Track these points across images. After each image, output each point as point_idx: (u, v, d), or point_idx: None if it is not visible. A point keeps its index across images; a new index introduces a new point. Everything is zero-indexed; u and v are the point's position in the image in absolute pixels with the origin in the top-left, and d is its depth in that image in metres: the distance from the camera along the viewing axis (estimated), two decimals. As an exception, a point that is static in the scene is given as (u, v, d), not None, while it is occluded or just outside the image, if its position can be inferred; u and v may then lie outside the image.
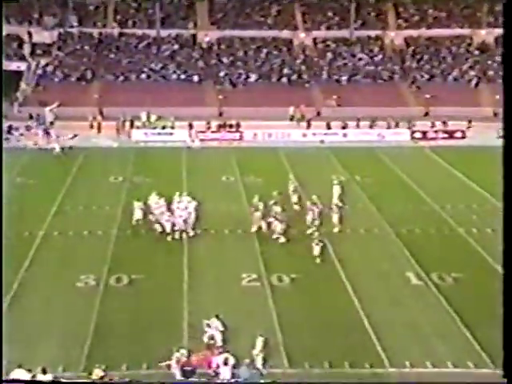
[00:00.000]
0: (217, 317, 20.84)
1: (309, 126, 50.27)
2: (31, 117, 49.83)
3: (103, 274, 25.46)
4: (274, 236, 28.62)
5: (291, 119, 52.21)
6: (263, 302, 23.67)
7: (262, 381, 18.79)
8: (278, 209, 29.51)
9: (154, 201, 29.93)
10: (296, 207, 31.60)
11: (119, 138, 47.66)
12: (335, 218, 30.06)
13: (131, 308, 23.17)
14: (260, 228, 29.20)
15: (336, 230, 29.91)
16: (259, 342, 19.63)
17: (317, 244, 26.87)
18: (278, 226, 28.65)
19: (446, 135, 49.27)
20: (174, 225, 28.70)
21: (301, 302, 23.74)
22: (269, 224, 29.07)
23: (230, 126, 49.18)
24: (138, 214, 29.61)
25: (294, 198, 32.11)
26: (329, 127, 49.98)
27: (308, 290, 24.60)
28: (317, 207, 30.19)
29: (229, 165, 40.59)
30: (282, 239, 28.43)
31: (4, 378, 17.00)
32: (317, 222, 29.68)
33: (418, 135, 48.91)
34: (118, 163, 40.90)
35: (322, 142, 47.81)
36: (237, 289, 24.53)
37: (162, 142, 47.04)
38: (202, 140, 46.80)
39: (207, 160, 41.97)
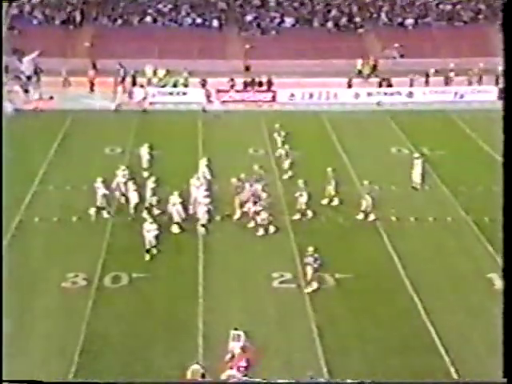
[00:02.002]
0: (237, 329, 21.04)
1: (389, 84, 49.76)
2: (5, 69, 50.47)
3: (96, 271, 25.80)
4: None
5: (359, 73, 51.89)
6: (299, 308, 23.82)
7: (266, 380, 19.56)
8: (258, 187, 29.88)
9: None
10: (329, 188, 31.53)
11: (117, 99, 47.97)
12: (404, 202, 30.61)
13: (131, 315, 23.46)
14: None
15: (393, 218, 30.26)
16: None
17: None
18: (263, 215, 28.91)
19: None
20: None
21: (348, 309, 23.85)
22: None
23: (260, 84, 49.15)
24: (134, 198, 29.90)
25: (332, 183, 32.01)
26: (389, 85, 49.62)
27: (357, 293, 24.69)
28: (370, 191, 30.43)
29: (258, 134, 40.69)
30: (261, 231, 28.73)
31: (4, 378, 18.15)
32: (369, 209, 30.02)
33: (508, 94, 48.25)
34: (115, 130, 41.27)
35: (379, 103, 47.58)
36: (266, 292, 24.71)
37: (173, 103, 47.24)
38: (223, 102, 46.92)
39: (230, 127, 42.10)
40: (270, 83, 49.04)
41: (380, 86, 49.64)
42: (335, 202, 31.33)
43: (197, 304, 23.88)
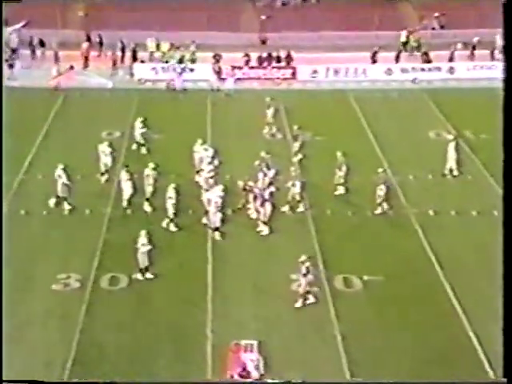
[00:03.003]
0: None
1: (428, 59, 49.49)
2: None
3: (91, 272, 25.98)
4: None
5: (404, 46, 51.65)
6: (323, 314, 23.88)
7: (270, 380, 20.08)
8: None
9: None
10: (339, 175, 31.65)
11: (115, 76, 48.09)
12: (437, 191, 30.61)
13: (131, 322, 23.60)
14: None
15: (430, 212, 30.38)
16: None
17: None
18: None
19: None
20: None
21: (378, 315, 23.91)
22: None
23: (278, 59, 49.11)
24: (128, 189, 30.05)
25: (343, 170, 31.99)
26: (427, 59, 49.43)
27: (388, 298, 24.73)
28: (385, 181, 30.61)
29: (275, 115, 40.47)
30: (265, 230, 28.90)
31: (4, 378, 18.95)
32: (380, 199, 30.17)
33: None
34: (113, 111, 41.42)
35: (414, 81, 47.44)
36: (283, 296, 24.70)
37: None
38: (236, 80, 46.85)
39: (243, 108, 42.08)
40: (289, 58, 48.94)
41: (425, 59, 49.11)
42: (340, 190, 31.43)
43: (205, 309, 24.00)
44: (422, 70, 48.46)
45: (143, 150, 35.32)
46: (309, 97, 44.05)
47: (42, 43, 49.82)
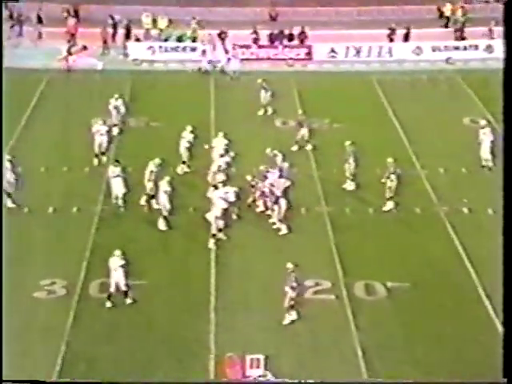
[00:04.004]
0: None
1: (462, 36, 49.53)
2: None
3: (78, 277, 26.10)
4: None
5: (447, 21, 51.63)
6: (341, 326, 23.96)
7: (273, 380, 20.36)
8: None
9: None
10: (347, 168, 31.95)
11: (106, 55, 48.26)
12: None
13: (123, 333, 23.70)
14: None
15: (464, 209, 30.51)
16: None
17: None
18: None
19: None
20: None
21: (403, 326, 23.96)
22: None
23: (290, 38, 49.25)
24: (119, 188, 30.21)
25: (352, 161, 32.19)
26: (461, 36, 49.44)
27: (415, 307, 24.81)
28: (395, 171, 30.67)
29: (287, 101, 40.80)
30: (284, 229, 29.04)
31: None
32: (390, 194, 30.34)
33: None
34: (103, 96, 40.80)
35: (448, 60, 47.49)
36: (296, 304, 24.55)
37: (178, 62, 47.65)
38: (243, 60, 46.98)
39: (251, 92, 41.92)
40: (303, 36, 49.07)
41: (459, 36, 49.21)
42: (350, 186, 31.61)
43: (207, 319, 24.10)
44: (456, 48, 48.40)
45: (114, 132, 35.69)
46: (326, 80, 44.20)
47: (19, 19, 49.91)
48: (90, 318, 24.33)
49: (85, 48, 47.23)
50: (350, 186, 31.74)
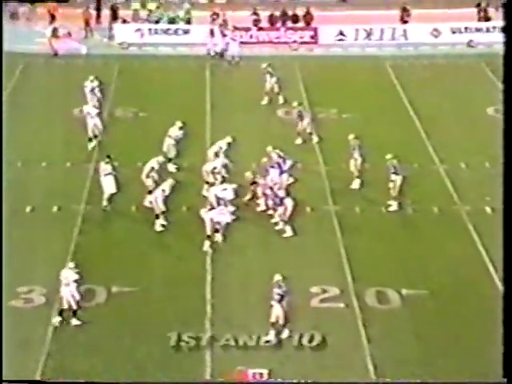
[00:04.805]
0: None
1: (486, 16, 49.23)
2: None
3: (59, 284, 25.46)
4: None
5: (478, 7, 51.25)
6: (351, 338, 23.93)
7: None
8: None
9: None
10: (352, 164, 32.09)
11: (89, 39, 48.26)
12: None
13: (110, 346, 23.65)
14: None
15: (487, 208, 30.62)
16: None
17: None
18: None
19: None
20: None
21: (419, 339, 23.90)
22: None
23: (294, 19, 49.37)
24: (111, 187, 30.33)
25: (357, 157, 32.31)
26: (485, 16, 49.36)
27: (433, 317, 24.82)
28: (396, 170, 30.72)
29: (291, 88, 40.81)
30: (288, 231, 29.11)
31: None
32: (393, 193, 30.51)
33: None
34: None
35: (470, 44, 47.60)
36: (301, 314, 24.70)
37: (170, 46, 47.89)
38: (242, 43, 47.04)
39: (251, 80, 42.16)
40: (308, 17, 49.19)
41: (484, 17, 49.18)
42: (355, 184, 31.71)
43: (203, 330, 24.02)
44: (479, 30, 48.35)
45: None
46: (333, 65, 44.29)
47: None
48: (71, 328, 24.26)
49: (69, 34, 47.20)
50: (355, 183, 31.80)
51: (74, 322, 24.55)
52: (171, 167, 32.68)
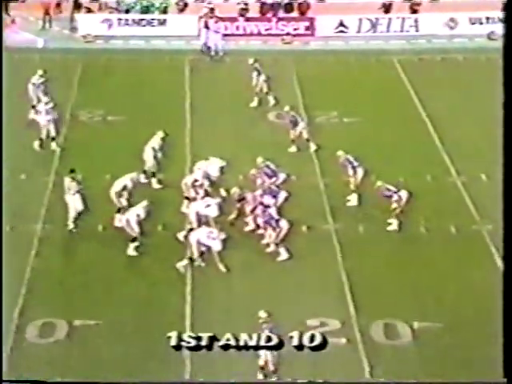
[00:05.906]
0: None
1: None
2: None
3: (12, 316, 25.94)
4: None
5: None
6: (354, 377, 23.94)
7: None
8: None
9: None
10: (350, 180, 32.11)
11: (47, 30, 48.32)
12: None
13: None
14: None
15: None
16: None
17: None
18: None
19: None
20: None
21: (434, 379, 23.85)
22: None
23: (288, 9, 49.73)
24: (78, 206, 30.25)
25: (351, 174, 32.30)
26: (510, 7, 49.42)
27: (450, 354, 24.81)
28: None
29: (284, 88, 41.16)
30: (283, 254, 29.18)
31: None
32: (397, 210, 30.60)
33: None
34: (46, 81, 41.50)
35: (490, 36, 47.95)
36: (296, 350, 24.58)
37: (143, 39, 48.30)
38: (226, 36, 47.15)
39: (238, 78, 42.32)
40: (304, 6, 49.54)
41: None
42: (353, 200, 31.79)
43: (182, 370, 24.06)
44: (500, 19, 48.54)
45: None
46: (333, 61, 44.52)
47: None
48: (27, 369, 24.06)
49: (13, 22, 47.10)
50: (352, 200, 31.81)
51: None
52: (155, 183, 32.61)
